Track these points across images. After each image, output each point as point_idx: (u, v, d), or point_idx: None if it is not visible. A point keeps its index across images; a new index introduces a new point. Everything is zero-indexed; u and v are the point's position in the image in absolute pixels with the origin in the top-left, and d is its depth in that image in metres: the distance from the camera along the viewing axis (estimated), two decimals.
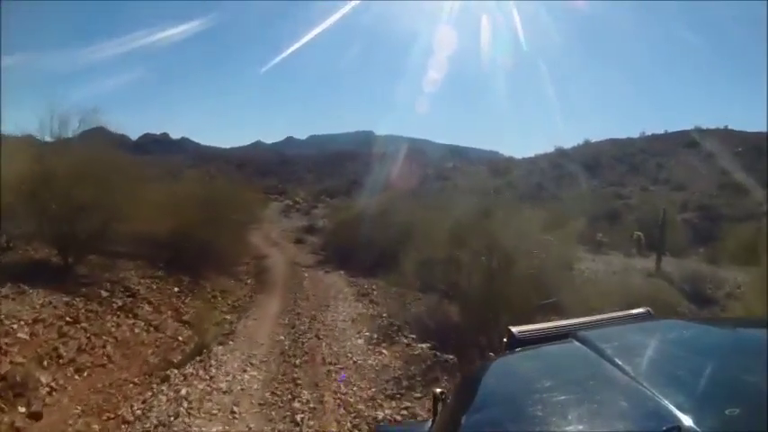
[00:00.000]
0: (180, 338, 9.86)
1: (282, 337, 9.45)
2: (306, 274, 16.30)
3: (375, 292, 14.43)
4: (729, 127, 49.98)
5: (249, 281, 15.95)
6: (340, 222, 21.94)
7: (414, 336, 9.44)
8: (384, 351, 8.68)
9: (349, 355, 8.47)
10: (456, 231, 10.62)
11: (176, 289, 12.36)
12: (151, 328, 9.88)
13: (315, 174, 46.15)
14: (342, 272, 16.78)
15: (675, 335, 1.66)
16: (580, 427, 1.18)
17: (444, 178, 45.78)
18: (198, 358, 8.43)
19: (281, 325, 10.37)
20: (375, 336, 9.52)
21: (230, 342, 9.13)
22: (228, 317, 11.60)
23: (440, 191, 33.36)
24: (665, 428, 1.01)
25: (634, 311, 1.96)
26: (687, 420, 1.04)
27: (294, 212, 36.19)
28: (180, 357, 8.91)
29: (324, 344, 9.06)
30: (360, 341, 9.26)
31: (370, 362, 8.19)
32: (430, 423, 2.03)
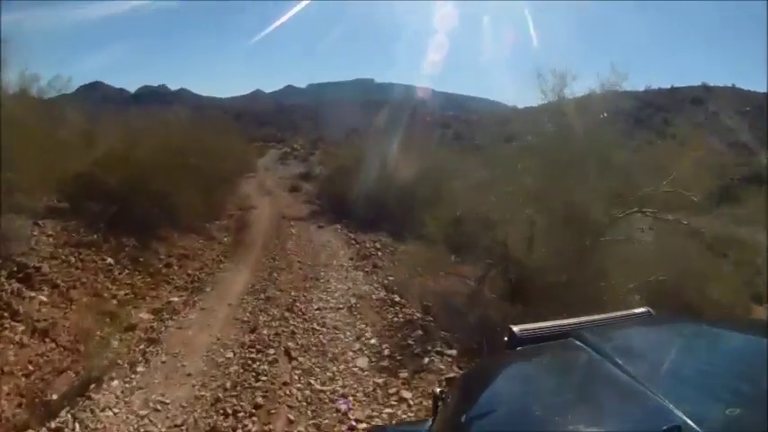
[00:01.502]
0: (82, 349, 5.70)
1: (231, 355, 5.30)
2: (293, 231, 12.04)
3: (380, 254, 10.32)
4: (737, 85, 45.06)
5: (226, 238, 11.70)
6: (337, 169, 17.70)
7: (452, 351, 5.21)
8: (405, 393, 4.44)
9: (340, 405, 4.24)
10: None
11: (109, 260, 8.09)
12: (36, 335, 5.67)
13: (313, 121, 41.72)
14: (338, 226, 12.70)
15: (675, 335, 1.55)
16: (580, 427, 1.07)
17: (445, 126, 41.47)
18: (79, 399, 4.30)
19: (236, 323, 6.21)
20: (386, 349, 5.35)
21: (140, 368, 5.00)
22: (175, 298, 7.42)
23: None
24: (665, 428, 0.91)
25: (634, 311, 1.74)
26: (687, 420, 0.94)
27: (291, 159, 31.77)
28: (66, 389, 4.83)
29: (296, 374, 4.87)
30: (361, 361, 5.08)
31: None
32: (430, 423, 1.76)
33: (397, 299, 7.13)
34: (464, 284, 8.28)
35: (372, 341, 5.57)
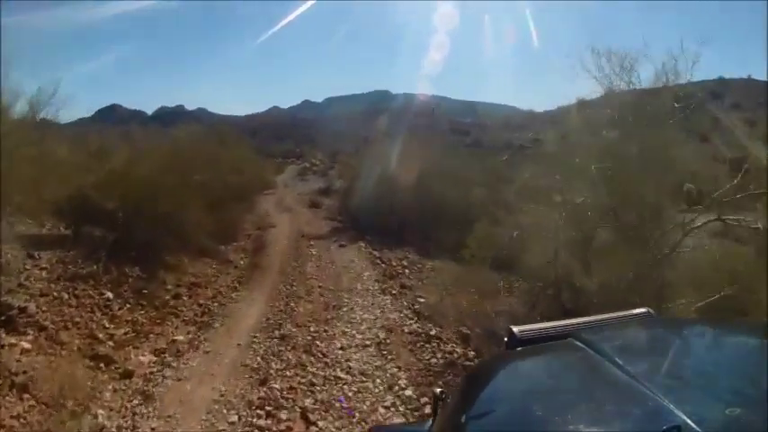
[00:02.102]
0: (69, 405, 4.83)
1: (235, 418, 4.35)
2: (314, 251, 11.08)
3: (407, 272, 9.38)
4: (752, 77, 43.13)
5: (242, 261, 10.78)
6: (356, 183, 16.80)
7: None
8: None
9: None
10: None
11: (108, 294, 7.21)
12: (13, 391, 4.84)
13: (331, 135, 40.96)
14: (361, 243, 11.68)
15: (675, 335, 1.52)
16: (580, 427, 1.04)
17: (464, 133, 40.37)
18: None
19: (244, 372, 5.22)
20: (426, 404, 4.27)
21: None
22: (181, 337, 6.50)
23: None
24: (665, 428, 0.88)
25: (634, 311, 1.69)
26: (687, 420, 0.91)
27: (311, 174, 30.93)
28: None
29: None
30: None
31: None
32: (430, 423, 1.74)
33: (433, 331, 6.13)
34: (508, 306, 7.24)
35: (408, 392, 4.55)
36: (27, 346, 5.55)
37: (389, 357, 5.31)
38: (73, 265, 7.68)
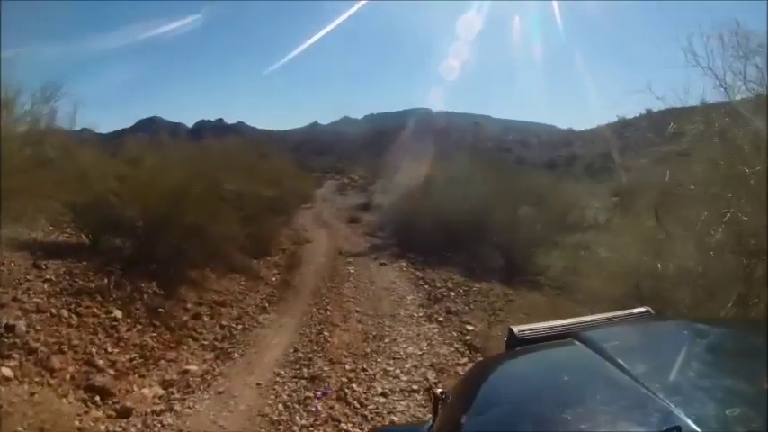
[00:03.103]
0: None
1: None
2: (351, 269, 9.98)
3: (452, 294, 8.33)
4: None
5: (275, 278, 9.76)
6: (398, 198, 15.83)
7: None
8: None
9: None
10: None
11: (116, 313, 6.24)
12: None
13: (371, 151, 40.20)
14: (403, 263, 10.52)
15: (676, 334, 1.48)
16: (581, 427, 1.00)
17: (506, 150, 38.98)
18: None
19: (261, 424, 4.06)
20: None
21: None
22: (194, 366, 5.46)
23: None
24: (665, 428, 0.86)
25: (634, 311, 1.62)
26: (687, 420, 0.89)
27: (350, 190, 30.24)
28: None
29: None
30: None
31: None
32: (430, 423, 1.68)
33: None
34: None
35: None
36: (8, 372, 4.59)
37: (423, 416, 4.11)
38: (82, 277, 6.77)
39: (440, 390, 1.57)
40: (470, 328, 6.83)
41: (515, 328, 1.51)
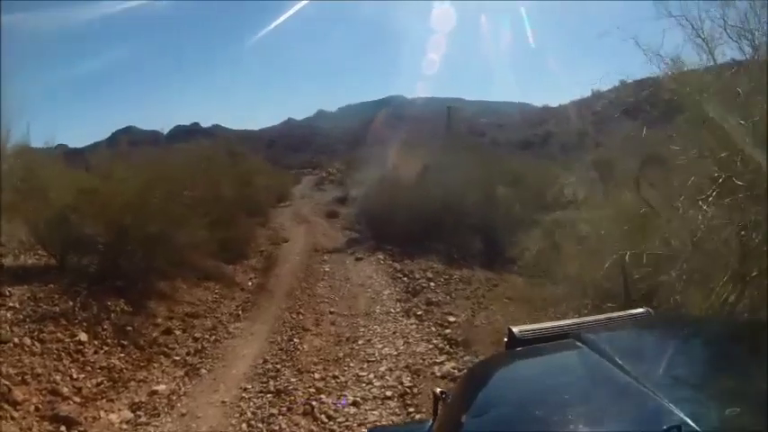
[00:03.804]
0: None
1: None
2: (327, 267, 9.82)
3: (432, 285, 8.24)
4: None
5: (251, 282, 9.58)
6: (373, 189, 15.74)
7: None
8: None
9: None
10: None
11: (81, 336, 6.01)
12: None
13: (348, 143, 39.82)
14: (380, 255, 10.46)
15: (675, 334, 1.51)
16: (581, 427, 1.03)
17: (480, 134, 38.84)
18: None
19: None
20: None
21: None
22: (162, 386, 5.29)
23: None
24: (665, 428, 0.86)
25: (634, 311, 1.68)
26: (687, 420, 0.89)
27: (328, 184, 29.98)
28: None
29: None
30: None
31: None
32: (430, 423, 1.67)
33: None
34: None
35: None
36: None
37: (417, 416, 4.00)
38: (46, 301, 6.51)
39: (440, 390, 1.58)
40: (452, 319, 6.77)
41: (516, 329, 1.54)
